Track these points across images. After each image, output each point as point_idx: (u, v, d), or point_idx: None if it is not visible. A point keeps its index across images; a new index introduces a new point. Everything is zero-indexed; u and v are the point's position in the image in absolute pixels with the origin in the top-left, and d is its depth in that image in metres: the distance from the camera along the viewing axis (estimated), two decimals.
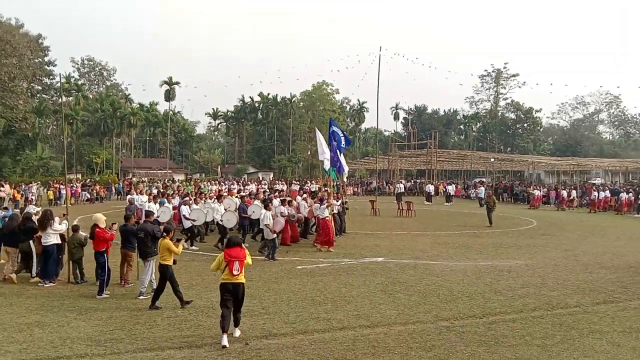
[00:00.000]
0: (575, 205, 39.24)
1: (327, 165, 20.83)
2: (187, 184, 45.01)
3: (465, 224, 25.05)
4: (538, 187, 45.04)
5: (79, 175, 65.24)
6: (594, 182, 63.52)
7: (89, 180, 50.60)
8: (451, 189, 46.78)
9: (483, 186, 46.56)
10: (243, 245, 9.07)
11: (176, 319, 9.64)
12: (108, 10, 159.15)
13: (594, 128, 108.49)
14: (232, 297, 8.60)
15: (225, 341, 8.28)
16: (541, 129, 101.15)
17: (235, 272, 8.56)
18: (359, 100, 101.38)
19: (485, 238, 21.30)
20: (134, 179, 54.14)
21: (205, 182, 46.00)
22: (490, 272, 14.20)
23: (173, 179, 61.79)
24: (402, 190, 43.68)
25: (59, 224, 12.79)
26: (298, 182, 49.21)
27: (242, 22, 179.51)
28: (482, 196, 41.42)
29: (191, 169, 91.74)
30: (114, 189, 46.03)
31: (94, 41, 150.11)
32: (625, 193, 37.06)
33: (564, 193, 40.43)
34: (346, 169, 22.41)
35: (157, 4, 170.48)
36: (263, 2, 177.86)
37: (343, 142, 20.76)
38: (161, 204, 19.46)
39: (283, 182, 49.21)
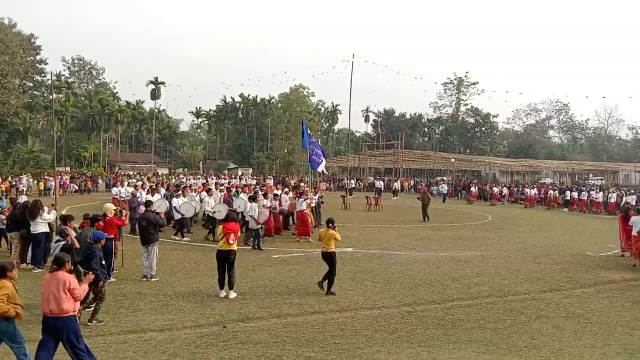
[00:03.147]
0: (533, 203, 39.96)
1: (315, 166, 21.00)
2: (172, 177, 44.45)
3: (430, 217, 25.29)
4: (497, 185, 45.81)
5: (68, 168, 63.92)
6: (544, 181, 64.84)
7: (79, 175, 49.41)
8: (397, 184, 47.29)
9: (444, 183, 47.17)
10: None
11: (158, 304, 9.55)
12: (100, 12, 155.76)
13: (545, 132, 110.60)
14: (225, 260, 10.06)
15: (222, 294, 10.01)
16: (497, 133, 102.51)
17: (231, 242, 10.08)
18: (332, 103, 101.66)
19: (445, 231, 21.56)
20: (131, 173, 53.16)
21: (183, 176, 45.44)
22: (449, 262, 14.40)
23: (157, 172, 61.07)
24: (381, 186, 44.13)
25: (48, 214, 12.53)
26: (272, 177, 49.39)
27: (228, 31, 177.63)
28: (445, 192, 42.08)
29: (175, 163, 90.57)
30: (101, 181, 45.25)
31: (85, 42, 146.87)
32: (569, 191, 38.13)
33: (496, 189, 41.68)
34: (321, 166, 22.38)
35: (149, 10, 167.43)
36: (247, 14, 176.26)
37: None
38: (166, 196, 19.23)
39: (253, 177, 49.50)
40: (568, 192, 37.73)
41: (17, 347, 6.14)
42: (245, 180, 39.13)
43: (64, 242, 9.20)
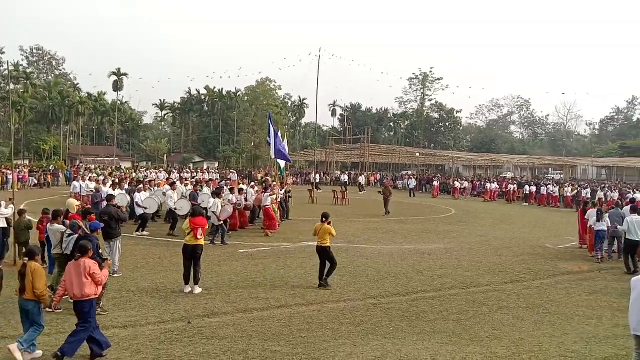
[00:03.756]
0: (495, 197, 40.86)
1: (280, 157, 20.77)
2: (134, 171, 43.54)
3: (394, 212, 25.56)
4: (458, 180, 46.62)
5: (27, 162, 61.78)
6: (505, 175, 66.35)
7: (38, 168, 47.75)
8: (362, 179, 47.64)
9: (413, 178, 47.73)
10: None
11: (121, 300, 9.35)
12: (60, 2, 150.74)
13: (507, 128, 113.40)
14: (191, 255, 10.01)
15: (187, 289, 9.91)
16: (461, 128, 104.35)
17: (199, 237, 10.07)
18: (300, 97, 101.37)
19: (410, 224, 21.83)
20: (92, 166, 51.77)
21: (145, 170, 44.64)
22: (413, 255, 14.60)
23: (120, 166, 59.72)
24: (346, 180, 44.36)
25: (5, 208, 12.10)
26: (235, 172, 49.22)
27: (193, 23, 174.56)
28: (413, 187, 42.67)
29: (138, 157, 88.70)
30: (61, 175, 43.93)
31: (44, 31, 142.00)
32: (528, 185, 39.24)
33: (457, 184, 42.54)
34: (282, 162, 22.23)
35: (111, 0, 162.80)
36: (213, 6, 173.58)
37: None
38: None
39: (216, 171, 49.29)
40: (527, 187, 38.83)
41: (34, 329, 6.62)
42: (209, 174, 38.74)
43: (76, 236, 9.03)
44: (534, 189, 37.92)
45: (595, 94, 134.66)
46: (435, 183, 43.67)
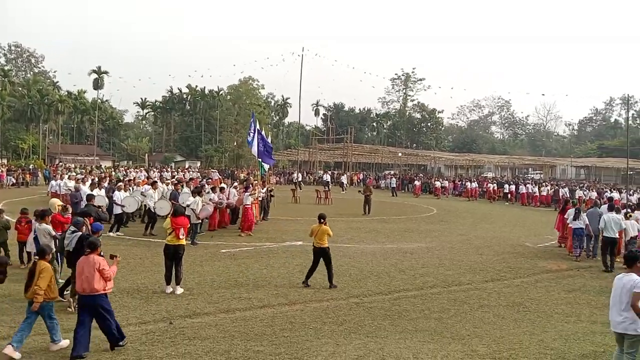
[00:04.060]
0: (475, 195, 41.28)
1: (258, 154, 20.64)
2: (114, 170, 43.03)
3: (376, 211, 25.65)
4: (438, 179, 47.02)
5: (5, 160, 60.63)
6: (486, 175, 67.12)
7: (16, 167, 46.78)
8: (344, 178, 47.77)
9: (394, 177, 48.01)
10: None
11: None
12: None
13: (488, 128, 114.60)
14: (173, 256, 9.87)
15: (168, 290, 9.80)
16: (442, 128, 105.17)
17: (181, 237, 9.92)
18: (283, 96, 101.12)
19: (392, 224, 21.93)
20: (72, 165, 50.91)
21: (126, 169, 44.16)
22: (395, 254, 14.67)
23: (100, 165, 58.96)
24: (329, 179, 44.38)
25: None
26: (216, 170, 49.19)
27: (175, 21, 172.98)
28: (394, 186, 42.90)
29: (118, 156, 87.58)
30: (40, 174, 43.18)
31: (23, 28, 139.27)
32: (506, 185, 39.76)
33: (438, 183, 43.01)
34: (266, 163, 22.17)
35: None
36: (195, 5, 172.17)
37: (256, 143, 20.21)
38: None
39: (196, 171, 49.21)
40: (506, 186, 39.39)
41: (50, 322, 6.97)
42: (189, 173, 38.46)
43: (79, 233, 8.95)
44: (513, 188, 38.54)
45: (574, 95, 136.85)
46: (417, 182, 44.10)
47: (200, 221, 15.37)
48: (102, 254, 7.32)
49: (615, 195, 28.88)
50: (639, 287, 5.91)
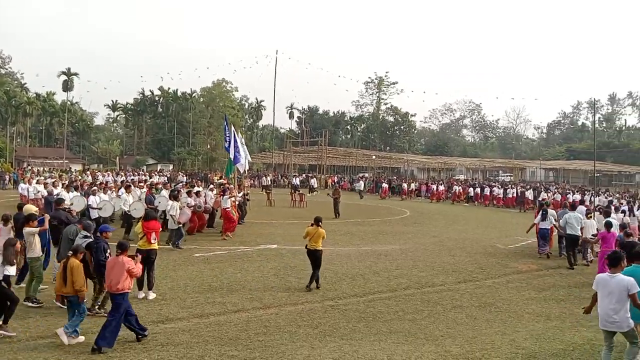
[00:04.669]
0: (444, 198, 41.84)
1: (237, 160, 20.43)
2: (82, 174, 42.14)
3: (351, 214, 25.74)
4: (407, 182, 47.52)
5: None
6: (457, 177, 68.05)
7: None
8: (314, 181, 47.90)
9: (362, 180, 48.45)
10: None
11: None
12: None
13: (459, 131, 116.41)
14: (145, 260, 9.42)
15: (140, 295, 9.66)
16: (415, 131, 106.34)
17: (152, 241, 9.80)
18: (257, 99, 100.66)
19: (366, 226, 22.03)
20: (40, 169, 49.55)
21: (98, 173, 43.31)
22: (370, 256, 14.74)
23: (70, 168, 57.66)
24: (298, 182, 44.21)
25: None
26: (183, 174, 48.94)
27: (148, 22, 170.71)
28: (362, 189, 43.26)
29: (89, 159, 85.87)
30: (8, 178, 41.98)
31: None
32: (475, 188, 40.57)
33: (405, 185, 43.53)
34: (244, 164, 21.97)
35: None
36: (167, 7, 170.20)
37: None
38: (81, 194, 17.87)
39: (162, 175, 48.49)
40: (471, 189, 40.46)
41: (77, 317, 7.50)
42: (159, 177, 37.90)
43: (90, 239, 9.06)
44: (478, 190, 39.49)
45: (543, 99, 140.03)
46: (384, 185, 44.69)
47: (180, 225, 15.14)
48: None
49: (577, 196, 29.64)
50: (634, 288, 6.15)
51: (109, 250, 8.62)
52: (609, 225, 12.22)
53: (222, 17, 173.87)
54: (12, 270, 8.26)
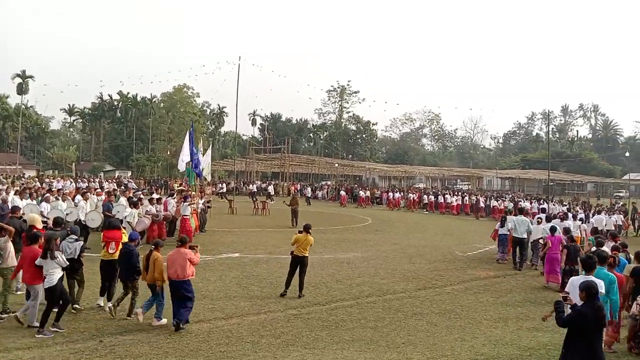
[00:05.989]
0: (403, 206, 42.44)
1: (181, 166, 20.25)
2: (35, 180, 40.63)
3: (313, 222, 25.65)
4: (364, 189, 48.13)
5: None
6: (417, 186, 69.11)
7: None
8: (271, 188, 47.90)
9: (308, 187, 49.14)
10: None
11: (24, 319, 8.63)
12: None
13: (419, 140, 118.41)
14: (105, 271, 9.58)
15: (100, 301, 9.59)
16: (377, 140, 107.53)
17: (111, 251, 9.58)
18: (219, 105, 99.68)
19: (329, 234, 22.07)
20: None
21: (53, 179, 41.85)
22: (332, 264, 14.78)
23: (23, 174, 55.52)
24: (256, 189, 43.81)
25: None
26: (132, 181, 48.22)
27: (107, 26, 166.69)
28: (309, 196, 43.79)
29: (43, 165, 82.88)
30: None
31: None
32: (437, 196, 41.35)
33: (362, 193, 44.20)
34: (205, 170, 21.71)
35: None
36: (129, 11, 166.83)
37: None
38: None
39: (111, 181, 47.32)
40: (425, 196, 41.42)
41: (159, 304, 8.72)
42: (107, 184, 36.86)
43: (82, 242, 9.57)
44: (432, 198, 40.47)
45: (500, 110, 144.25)
46: (342, 193, 45.32)
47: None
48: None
49: (527, 204, 30.70)
50: (600, 289, 6.36)
51: (140, 256, 9.20)
52: (553, 229, 13.46)
53: (184, 22, 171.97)
54: None
